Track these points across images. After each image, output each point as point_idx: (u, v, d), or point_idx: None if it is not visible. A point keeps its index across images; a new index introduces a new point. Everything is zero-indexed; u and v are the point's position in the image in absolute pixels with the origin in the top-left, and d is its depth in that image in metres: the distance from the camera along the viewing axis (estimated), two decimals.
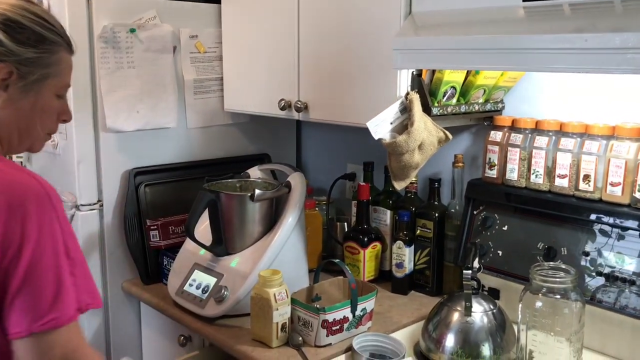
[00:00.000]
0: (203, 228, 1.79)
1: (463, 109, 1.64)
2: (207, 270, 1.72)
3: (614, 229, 1.43)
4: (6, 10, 1.07)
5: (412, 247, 1.81)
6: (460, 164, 1.78)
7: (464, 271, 1.39)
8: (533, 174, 1.59)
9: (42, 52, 1.10)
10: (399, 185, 1.61)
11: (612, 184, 1.44)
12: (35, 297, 0.99)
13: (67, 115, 1.21)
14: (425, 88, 1.56)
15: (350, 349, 1.47)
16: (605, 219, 1.44)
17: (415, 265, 1.83)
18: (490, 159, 1.67)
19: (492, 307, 1.43)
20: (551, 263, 1.37)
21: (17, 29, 1.07)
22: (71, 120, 1.25)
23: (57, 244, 1.01)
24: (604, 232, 1.45)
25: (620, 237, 1.42)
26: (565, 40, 1.17)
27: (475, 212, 1.70)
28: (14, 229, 0.97)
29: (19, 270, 0.98)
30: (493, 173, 1.67)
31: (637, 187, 1.40)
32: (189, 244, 1.80)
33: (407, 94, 1.53)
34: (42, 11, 1.12)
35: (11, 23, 1.06)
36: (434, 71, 1.58)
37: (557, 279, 1.29)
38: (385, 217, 1.93)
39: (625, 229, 1.41)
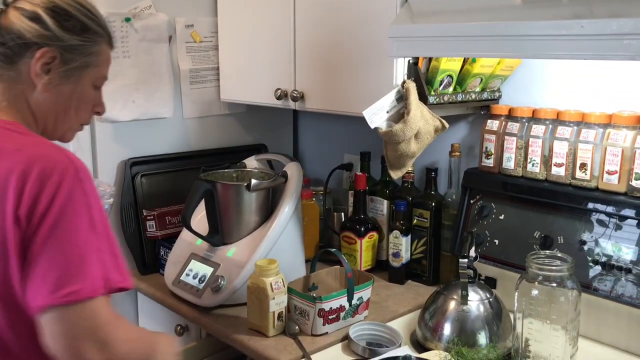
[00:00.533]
0: (200, 218, 1.79)
1: (460, 97, 1.64)
2: (204, 260, 1.72)
3: (611, 219, 1.43)
4: None
5: (409, 236, 1.81)
6: (457, 153, 1.78)
7: (460, 260, 1.39)
8: (530, 162, 1.58)
9: (85, 40, 1.14)
10: (396, 175, 1.61)
11: (609, 173, 1.44)
12: (54, 267, 0.96)
13: (101, 107, 1.25)
14: (422, 76, 1.56)
15: (346, 337, 1.48)
16: (602, 207, 1.44)
17: (412, 254, 1.83)
18: (487, 148, 1.66)
19: (488, 295, 1.43)
20: (547, 251, 1.36)
21: (65, 16, 1.11)
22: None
23: (81, 216, 0.99)
24: (601, 222, 1.45)
25: (618, 227, 1.42)
26: (561, 26, 1.16)
27: (471, 202, 1.70)
28: (42, 199, 0.97)
29: (39, 238, 0.96)
30: (490, 162, 1.66)
31: (634, 175, 1.40)
32: (185, 234, 1.80)
33: (404, 82, 1.53)
34: (88, 3, 1.16)
35: (59, 10, 1.11)
36: (430, 59, 1.57)
37: (553, 267, 1.29)
38: (382, 206, 1.93)
39: (622, 217, 1.41)
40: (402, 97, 1.53)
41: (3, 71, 1.11)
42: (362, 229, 1.88)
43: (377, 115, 1.50)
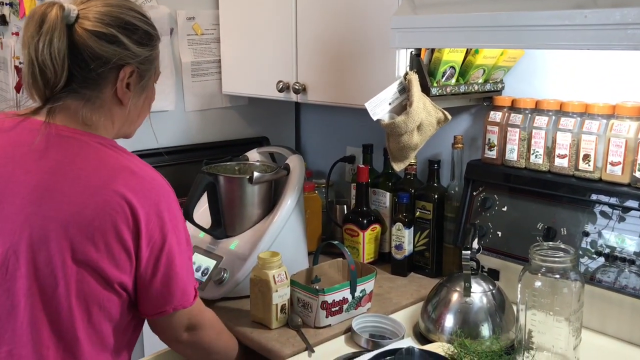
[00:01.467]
0: (202, 211, 1.79)
1: (462, 89, 1.63)
2: (207, 253, 1.72)
3: (615, 211, 1.42)
4: (117, 11, 1.11)
5: (412, 228, 1.81)
6: (460, 145, 1.77)
7: (463, 252, 1.39)
8: (533, 154, 1.58)
9: (152, 49, 1.17)
10: (398, 167, 1.61)
11: (612, 164, 1.43)
12: (174, 284, 1.15)
13: (153, 97, 1.29)
14: (424, 68, 1.55)
15: (349, 330, 1.48)
16: (605, 198, 1.43)
17: (414, 247, 1.83)
18: (489, 139, 1.66)
19: (491, 287, 1.42)
20: (550, 243, 1.36)
21: (134, 30, 1.13)
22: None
23: (182, 234, 1.16)
24: (604, 213, 1.44)
25: (621, 219, 1.41)
26: (564, 16, 1.15)
27: (474, 193, 1.70)
28: (154, 223, 1.09)
29: (161, 261, 1.12)
30: (493, 154, 1.66)
31: (637, 166, 1.39)
32: (188, 227, 1.79)
33: (406, 74, 1.52)
34: (142, 9, 1.18)
35: (129, 26, 1.12)
36: (432, 51, 1.56)
37: (557, 259, 1.28)
38: (384, 199, 1.92)
39: (625, 208, 1.41)
40: (404, 89, 1.52)
41: (90, 92, 1.12)
42: (365, 221, 1.87)
43: (379, 107, 1.50)
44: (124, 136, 1.26)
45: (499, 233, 1.63)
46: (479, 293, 1.40)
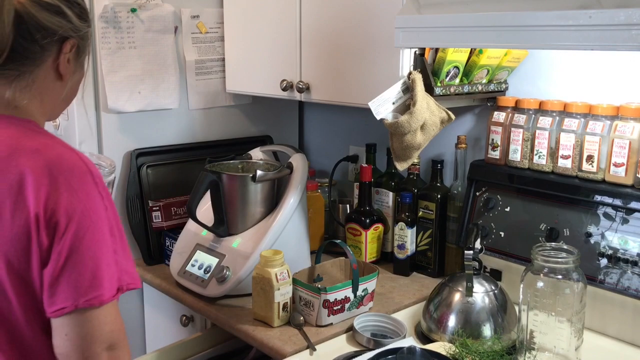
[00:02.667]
0: (205, 209, 1.79)
1: (466, 89, 1.63)
2: (209, 250, 1.72)
3: (618, 212, 1.42)
4: None
5: (414, 228, 1.81)
6: (463, 145, 1.77)
7: (466, 251, 1.39)
8: (536, 154, 1.58)
9: (89, 25, 1.13)
10: (401, 166, 1.61)
11: (616, 165, 1.43)
12: (80, 273, 0.97)
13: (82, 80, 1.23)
14: (428, 68, 1.55)
15: (351, 328, 1.48)
16: (609, 199, 1.43)
17: (417, 246, 1.83)
18: (493, 139, 1.66)
19: (493, 287, 1.42)
20: (553, 243, 1.36)
21: (73, 2, 1.09)
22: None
23: (100, 220, 1.00)
24: (607, 215, 1.44)
25: (624, 220, 1.41)
26: (569, 16, 1.15)
27: (477, 194, 1.70)
28: (59, 204, 0.97)
29: (64, 246, 0.97)
30: (496, 154, 1.66)
31: None
32: (191, 224, 1.80)
33: (410, 73, 1.52)
34: None
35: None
36: (436, 51, 1.56)
37: (559, 259, 1.28)
38: (387, 198, 1.92)
39: (628, 210, 1.40)
40: (408, 89, 1.52)
41: (32, 68, 1.07)
42: (368, 220, 1.88)
43: (382, 107, 1.50)
44: (51, 118, 1.19)
45: (502, 233, 1.63)
46: (481, 293, 1.40)
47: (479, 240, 1.45)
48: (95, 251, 0.98)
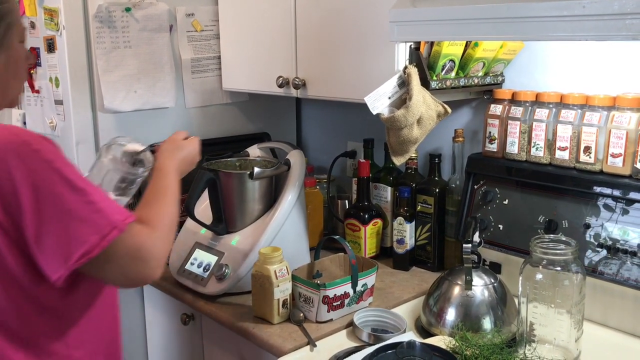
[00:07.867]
0: (203, 207, 1.79)
1: (462, 82, 1.63)
2: (208, 248, 1.72)
3: (618, 204, 1.42)
4: None
5: (413, 223, 1.81)
6: (460, 139, 1.77)
7: (464, 245, 1.39)
8: (533, 147, 1.57)
9: (1, 3, 1.06)
10: (398, 161, 1.60)
11: (613, 155, 1.43)
12: (56, 242, 0.99)
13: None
14: (424, 61, 1.55)
15: (351, 324, 1.48)
16: (607, 190, 1.43)
17: (416, 241, 1.83)
18: (490, 132, 1.65)
19: (492, 280, 1.42)
20: (551, 235, 1.36)
21: None
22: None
23: (53, 184, 0.99)
24: (605, 205, 1.44)
25: (624, 211, 1.41)
26: (563, 7, 1.15)
27: (475, 187, 1.70)
28: (3, 187, 0.97)
29: (27, 222, 0.98)
30: (493, 147, 1.65)
31: (639, 158, 1.39)
32: (189, 223, 1.80)
33: (405, 67, 1.52)
34: None
35: None
36: (432, 44, 1.56)
37: (558, 251, 1.28)
38: (385, 193, 1.92)
39: (627, 200, 1.40)
40: (404, 83, 1.52)
41: None
42: (366, 216, 1.87)
43: (379, 101, 1.50)
44: (8, 105, 1.16)
45: (500, 226, 1.63)
46: (480, 286, 1.40)
47: (477, 234, 1.45)
48: (62, 217, 0.99)
